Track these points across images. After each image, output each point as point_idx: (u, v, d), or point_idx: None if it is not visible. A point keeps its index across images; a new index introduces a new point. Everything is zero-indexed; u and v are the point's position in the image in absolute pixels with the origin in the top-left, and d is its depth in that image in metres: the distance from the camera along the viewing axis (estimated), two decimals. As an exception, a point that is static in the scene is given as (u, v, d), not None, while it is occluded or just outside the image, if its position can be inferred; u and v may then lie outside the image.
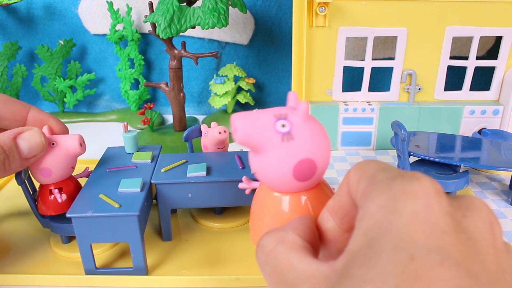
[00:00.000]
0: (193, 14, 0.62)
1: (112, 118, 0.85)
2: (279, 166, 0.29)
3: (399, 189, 0.19)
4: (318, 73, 0.63)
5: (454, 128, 0.63)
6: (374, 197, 0.20)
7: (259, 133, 0.28)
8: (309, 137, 0.29)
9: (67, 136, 0.40)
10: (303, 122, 0.29)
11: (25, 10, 0.82)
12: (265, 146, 0.28)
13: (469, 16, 0.59)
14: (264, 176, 0.30)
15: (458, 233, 0.18)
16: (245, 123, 0.28)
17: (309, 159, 0.29)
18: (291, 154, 0.28)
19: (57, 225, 0.42)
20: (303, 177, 0.29)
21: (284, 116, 0.29)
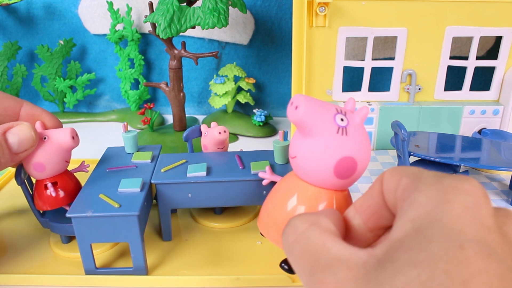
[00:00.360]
0: (193, 14, 0.62)
1: (112, 118, 0.85)
2: (326, 154, 0.29)
3: (450, 185, 0.19)
4: (318, 73, 0.63)
5: (454, 128, 0.63)
6: (423, 189, 0.20)
7: (320, 117, 0.29)
8: (360, 138, 0.30)
9: (59, 130, 0.40)
10: (359, 123, 0.30)
11: (25, 10, 0.82)
12: (319, 131, 0.29)
13: (469, 16, 0.59)
14: (305, 162, 0.30)
15: (501, 235, 0.19)
16: (309, 103, 0.29)
17: (353, 158, 0.29)
18: (341, 147, 0.29)
19: (56, 225, 0.42)
20: (342, 174, 0.30)
21: (343, 113, 0.30)
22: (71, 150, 0.41)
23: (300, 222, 0.23)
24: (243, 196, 0.43)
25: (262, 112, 0.77)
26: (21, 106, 0.41)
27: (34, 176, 0.41)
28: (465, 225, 0.18)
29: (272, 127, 0.78)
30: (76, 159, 0.64)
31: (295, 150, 0.31)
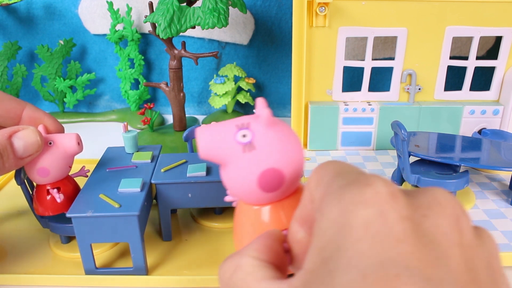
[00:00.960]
0: (193, 14, 0.62)
1: (112, 118, 0.85)
2: (243, 178, 0.27)
3: (350, 199, 0.17)
4: (318, 73, 0.63)
5: (454, 128, 0.63)
6: (325, 211, 0.18)
7: (220, 146, 0.27)
8: (272, 145, 0.27)
9: (64, 135, 0.40)
10: (265, 130, 0.27)
11: (25, 10, 0.82)
12: (227, 159, 0.27)
13: (469, 16, 0.59)
14: (232, 189, 0.29)
15: (417, 238, 0.16)
16: (206, 137, 0.27)
17: (274, 168, 0.27)
18: (254, 165, 0.27)
19: (56, 225, 0.42)
20: (270, 188, 0.27)
21: (246, 126, 0.27)
22: (75, 156, 0.41)
23: (224, 269, 0.23)
24: (243, 196, 0.43)
25: (262, 112, 0.77)
26: (24, 108, 0.40)
27: (36, 181, 0.40)
28: (368, 247, 0.16)
29: (272, 127, 0.78)
30: (76, 159, 0.64)
31: (222, 180, 0.29)
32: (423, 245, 0.16)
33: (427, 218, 0.17)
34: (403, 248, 0.16)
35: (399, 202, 0.17)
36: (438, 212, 0.18)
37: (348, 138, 0.64)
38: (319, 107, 0.63)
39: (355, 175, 0.19)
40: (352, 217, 0.17)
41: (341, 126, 0.64)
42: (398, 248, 0.16)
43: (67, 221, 0.42)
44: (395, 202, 0.17)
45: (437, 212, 0.18)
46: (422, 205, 0.18)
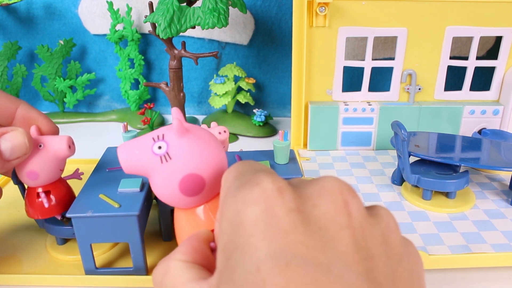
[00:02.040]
0: (193, 14, 0.62)
1: (112, 118, 0.85)
2: (165, 186, 0.29)
3: (241, 199, 0.19)
4: (318, 73, 0.63)
5: (454, 128, 0.63)
6: (224, 212, 0.20)
7: (139, 160, 0.29)
8: (187, 153, 0.29)
9: (55, 138, 0.38)
10: (178, 139, 0.29)
11: (25, 10, 0.82)
12: (148, 171, 0.29)
13: (469, 16, 0.59)
14: (159, 196, 0.30)
15: (305, 227, 0.17)
16: (125, 153, 0.29)
17: (193, 173, 0.28)
18: (172, 173, 0.28)
19: (51, 226, 0.42)
20: (192, 192, 0.29)
21: (161, 137, 0.29)
22: (66, 159, 0.39)
23: (156, 272, 0.24)
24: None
25: (262, 112, 0.77)
26: (17, 107, 0.38)
27: (27, 183, 0.39)
28: (259, 241, 0.17)
29: (272, 127, 0.78)
30: (76, 159, 0.64)
31: None
32: (311, 232, 0.17)
33: (316, 207, 0.18)
34: (291, 238, 0.17)
35: (286, 196, 0.18)
36: (326, 200, 0.19)
37: (348, 138, 0.64)
38: (319, 107, 0.63)
39: (249, 176, 0.20)
40: (243, 215, 0.18)
41: (341, 126, 0.64)
42: (286, 238, 0.17)
43: (62, 223, 0.42)
44: (282, 197, 0.18)
45: (325, 200, 0.19)
46: (312, 195, 0.19)
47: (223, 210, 0.20)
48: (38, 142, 0.37)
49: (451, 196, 0.49)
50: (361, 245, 0.17)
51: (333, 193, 0.19)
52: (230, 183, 0.21)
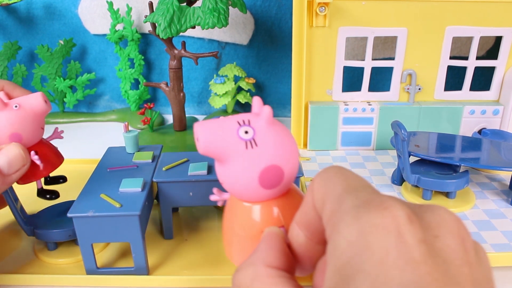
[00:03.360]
0: (193, 14, 0.62)
1: (112, 118, 0.85)
2: (244, 174, 0.27)
3: (368, 222, 0.18)
4: (318, 73, 0.63)
5: (454, 128, 0.64)
6: (342, 231, 0.19)
7: (222, 141, 0.27)
8: (273, 142, 0.27)
9: (29, 96, 0.38)
10: (266, 127, 0.28)
11: (25, 10, 0.82)
12: (229, 155, 0.27)
13: (469, 16, 0.59)
14: (231, 186, 0.29)
15: (432, 259, 0.17)
16: (207, 132, 0.27)
17: (275, 165, 0.27)
18: (256, 161, 0.27)
19: (42, 232, 0.42)
20: (270, 185, 0.28)
21: (247, 122, 0.28)
22: (45, 115, 0.39)
23: (240, 281, 0.23)
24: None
25: (262, 112, 0.77)
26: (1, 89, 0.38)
27: None
28: (389, 269, 0.17)
29: (272, 127, 0.78)
30: (76, 159, 0.64)
31: (219, 177, 0.29)
32: (437, 265, 0.17)
33: (438, 239, 0.18)
34: (422, 270, 0.17)
35: (415, 225, 0.18)
36: (446, 232, 0.18)
37: (348, 138, 0.64)
38: (319, 107, 0.63)
39: (368, 194, 0.20)
40: (373, 240, 0.17)
41: (341, 126, 0.64)
42: (418, 270, 0.17)
43: (53, 227, 0.42)
44: (412, 226, 0.18)
45: (445, 232, 0.18)
46: (432, 225, 0.19)
47: (339, 227, 0.19)
48: (13, 104, 0.37)
49: (451, 196, 0.49)
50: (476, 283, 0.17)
51: (452, 226, 0.19)
52: (339, 195, 0.20)
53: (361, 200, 0.19)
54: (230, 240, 0.32)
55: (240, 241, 0.30)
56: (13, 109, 0.37)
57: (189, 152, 0.48)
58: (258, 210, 0.29)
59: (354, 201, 0.19)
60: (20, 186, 0.41)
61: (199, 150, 0.28)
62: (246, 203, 0.30)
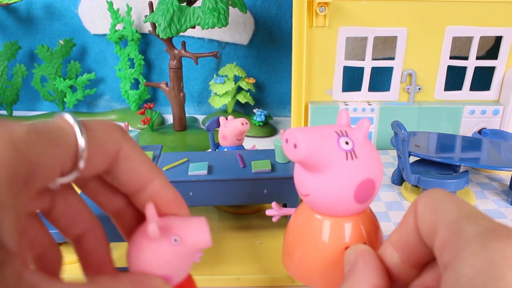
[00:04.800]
0: (193, 14, 0.62)
1: (112, 118, 0.85)
2: (342, 186, 0.26)
3: (498, 253, 0.17)
4: (318, 73, 0.63)
5: (454, 128, 0.63)
6: (467, 259, 0.18)
7: (324, 149, 0.26)
8: (371, 155, 0.27)
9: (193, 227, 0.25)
10: (363, 140, 0.27)
11: (25, 10, 0.82)
12: (328, 165, 0.26)
13: (469, 16, 0.59)
14: (321, 197, 0.27)
15: None
16: (309, 138, 0.26)
17: (371, 179, 0.27)
18: (355, 173, 0.26)
19: None
20: (363, 199, 0.27)
21: (345, 133, 0.27)
22: None
23: None
24: (244, 195, 0.43)
25: (262, 112, 0.77)
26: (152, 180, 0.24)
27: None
28: None
29: (272, 127, 0.78)
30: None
31: (305, 188, 0.28)
32: None
33: None
34: None
35: None
36: None
37: (348, 138, 0.64)
38: (319, 107, 0.63)
39: (489, 222, 0.19)
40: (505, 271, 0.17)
41: (341, 126, 0.64)
42: None
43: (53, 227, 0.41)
44: None
45: None
46: None
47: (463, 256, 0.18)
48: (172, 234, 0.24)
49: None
50: None
51: None
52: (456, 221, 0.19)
53: (484, 228, 0.18)
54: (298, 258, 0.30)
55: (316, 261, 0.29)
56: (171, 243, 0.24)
57: (189, 152, 0.48)
58: (346, 226, 0.28)
59: (476, 228, 0.19)
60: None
61: (295, 157, 0.26)
62: (330, 218, 0.29)
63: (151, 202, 0.22)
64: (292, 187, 0.44)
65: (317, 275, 0.29)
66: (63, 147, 0.18)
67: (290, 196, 0.44)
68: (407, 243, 0.22)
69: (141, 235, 0.23)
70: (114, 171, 0.21)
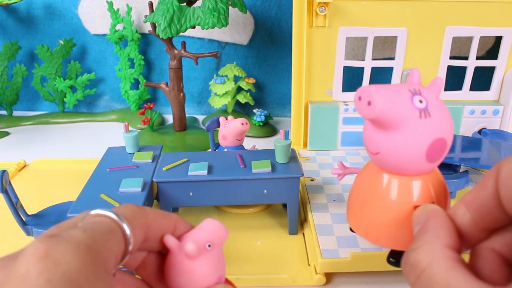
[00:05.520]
0: (193, 14, 0.62)
1: (112, 118, 0.85)
2: (415, 144, 0.26)
3: None
4: (318, 73, 0.63)
5: (454, 128, 0.63)
6: None
7: (398, 107, 0.26)
8: (443, 114, 0.27)
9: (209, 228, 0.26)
10: (437, 98, 0.28)
11: (25, 10, 0.82)
12: (402, 122, 0.26)
13: (469, 16, 0.59)
14: (393, 155, 0.27)
15: None
16: (384, 95, 0.26)
17: (443, 138, 0.27)
18: (428, 132, 0.26)
19: (41, 232, 0.42)
20: (434, 158, 0.27)
21: (418, 92, 0.27)
22: None
23: (418, 259, 0.22)
24: (244, 195, 0.43)
25: (262, 112, 0.77)
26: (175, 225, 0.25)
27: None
28: None
29: (272, 127, 0.78)
30: (76, 159, 0.64)
31: (376, 146, 0.28)
32: None
33: None
34: None
35: None
36: None
37: (348, 138, 0.64)
38: (319, 107, 0.63)
39: None
40: None
41: (341, 126, 0.64)
42: None
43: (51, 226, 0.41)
44: None
45: None
46: None
47: None
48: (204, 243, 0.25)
49: (451, 196, 0.49)
50: None
51: None
52: None
53: None
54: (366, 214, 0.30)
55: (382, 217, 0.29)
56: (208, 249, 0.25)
57: (189, 152, 0.48)
58: (416, 185, 0.28)
59: None
60: (20, 186, 0.41)
61: (369, 114, 0.26)
62: (399, 176, 0.29)
63: (168, 234, 0.24)
64: (292, 187, 0.44)
65: (385, 234, 0.30)
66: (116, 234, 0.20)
67: (290, 196, 0.44)
68: (482, 205, 0.22)
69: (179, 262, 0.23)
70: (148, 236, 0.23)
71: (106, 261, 0.19)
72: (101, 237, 0.19)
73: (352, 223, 0.32)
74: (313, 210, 0.46)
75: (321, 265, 0.39)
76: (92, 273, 0.17)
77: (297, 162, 0.45)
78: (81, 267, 0.17)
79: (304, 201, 0.49)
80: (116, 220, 0.20)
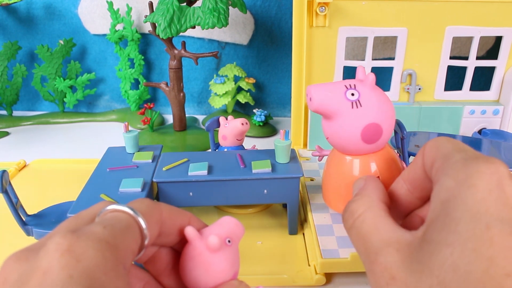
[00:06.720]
0: (193, 14, 0.62)
1: (112, 118, 0.85)
2: (349, 130, 0.34)
3: (475, 168, 0.21)
4: (318, 73, 0.63)
5: (454, 128, 0.63)
6: (451, 173, 0.22)
7: (332, 101, 0.33)
8: (375, 104, 0.34)
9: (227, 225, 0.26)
10: (369, 91, 0.34)
11: (25, 10, 0.82)
12: (336, 113, 0.33)
13: (469, 16, 0.59)
14: (336, 140, 0.35)
15: None
16: (320, 91, 0.33)
17: (375, 123, 0.33)
18: (360, 119, 0.33)
19: (41, 232, 0.42)
20: (370, 140, 0.34)
21: (353, 86, 0.34)
22: None
23: (356, 207, 0.26)
24: (244, 195, 0.43)
25: (262, 112, 0.77)
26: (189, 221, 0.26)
27: None
28: (490, 206, 0.20)
29: (272, 127, 0.78)
30: (76, 159, 0.64)
31: (326, 132, 0.36)
32: None
33: None
34: None
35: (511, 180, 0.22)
36: None
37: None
38: (319, 107, 0.63)
39: (476, 153, 0.23)
40: (478, 182, 0.21)
41: (341, 126, 0.64)
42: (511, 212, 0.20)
43: (52, 226, 0.41)
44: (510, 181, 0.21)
45: None
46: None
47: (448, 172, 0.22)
48: (224, 238, 0.25)
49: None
50: None
51: None
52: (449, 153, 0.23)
53: (469, 155, 0.23)
54: (331, 188, 0.39)
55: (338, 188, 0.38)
56: (228, 244, 0.26)
57: (189, 152, 0.48)
58: (359, 163, 0.36)
59: (463, 155, 0.23)
60: (20, 186, 0.41)
61: (311, 108, 0.34)
62: (348, 156, 0.36)
63: (189, 226, 0.24)
64: (292, 187, 0.44)
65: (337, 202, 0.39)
66: (134, 230, 0.20)
67: (290, 196, 0.44)
68: (414, 177, 0.27)
69: (199, 254, 0.24)
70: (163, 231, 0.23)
71: (124, 258, 0.19)
72: (120, 233, 0.19)
73: (326, 199, 0.40)
74: (313, 210, 0.46)
75: (321, 265, 0.39)
76: (111, 269, 0.18)
77: (297, 162, 0.45)
78: (102, 263, 0.17)
79: (304, 201, 0.49)
80: (133, 215, 0.21)
